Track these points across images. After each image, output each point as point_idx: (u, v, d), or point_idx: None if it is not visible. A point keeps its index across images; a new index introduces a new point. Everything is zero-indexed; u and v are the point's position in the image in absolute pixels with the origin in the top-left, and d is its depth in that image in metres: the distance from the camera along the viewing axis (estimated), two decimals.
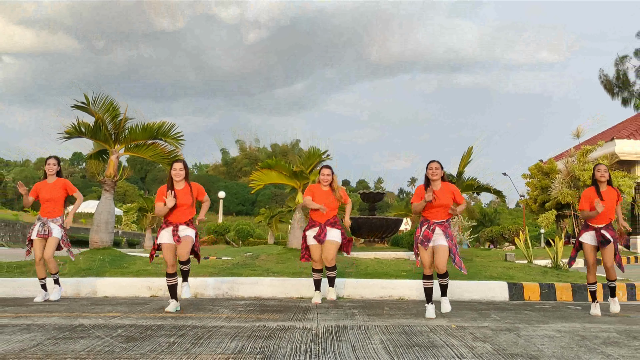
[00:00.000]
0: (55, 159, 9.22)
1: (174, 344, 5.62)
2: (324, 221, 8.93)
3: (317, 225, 8.94)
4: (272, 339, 5.94)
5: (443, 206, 7.74)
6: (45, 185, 9.06)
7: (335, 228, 8.96)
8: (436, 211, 7.76)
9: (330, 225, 8.94)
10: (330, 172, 9.10)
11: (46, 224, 8.96)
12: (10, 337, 5.89)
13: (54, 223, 9.02)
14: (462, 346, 5.68)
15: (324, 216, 8.94)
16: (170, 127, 14.59)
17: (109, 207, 13.83)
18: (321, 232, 8.86)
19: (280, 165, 17.10)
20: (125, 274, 10.36)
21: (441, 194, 7.73)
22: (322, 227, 8.89)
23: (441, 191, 7.75)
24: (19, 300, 9.13)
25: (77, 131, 14.28)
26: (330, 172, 9.10)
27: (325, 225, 8.91)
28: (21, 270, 10.55)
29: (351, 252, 9.69)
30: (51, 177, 9.12)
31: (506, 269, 11.56)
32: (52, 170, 9.11)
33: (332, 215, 9.01)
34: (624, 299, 10.23)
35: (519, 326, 6.98)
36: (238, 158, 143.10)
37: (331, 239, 8.90)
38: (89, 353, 5.16)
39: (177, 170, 8.05)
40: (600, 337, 6.33)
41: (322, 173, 9.11)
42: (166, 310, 7.84)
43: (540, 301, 9.75)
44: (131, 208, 60.77)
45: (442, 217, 7.78)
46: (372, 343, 5.78)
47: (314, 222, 8.99)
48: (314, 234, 8.93)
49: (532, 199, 31.83)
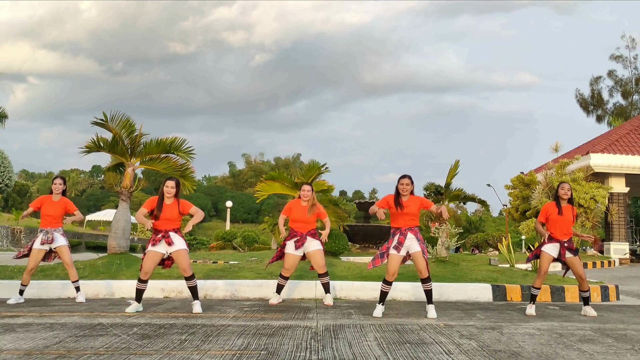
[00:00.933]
0: (61, 179, 9.25)
1: (185, 341, 5.62)
2: (305, 232, 8.87)
3: (298, 235, 8.83)
4: (275, 336, 5.95)
5: (411, 215, 7.75)
6: (49, 201, 9.04)
7: (315, 239, 8.89)
8: (405, 220, 7.76)
9: (310, 236, 8.86)
10: (310, 189, 9.03)
11: (50, 232, 8.94)
12: (35, 334, 5.90)
13: (57, 232, 9.00)
14: (450, 343, 5.69)
15: (305, 227, 8.86)
16: (182, 142, 14.62)
17: (125, 216, 13.85)
18: (301, 241, 8.76)
19: (282, 177, 17.13)
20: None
21: (410, 204, 7.76)
22: (302, 237, 8.80)
23: (410, 202, 7.77)
24: (42, 300, 9.13)
25: (97, 146, 14.31)
26: (310, 189, 9.01)
27: (306, 235, 8.84)
28: (45, 273, 10.54)
29: (346, 257, 9.68)
30: (56, 195, 9.11)
31: (490, 272, 11.56)
32: (58, 190, 9.11)
33: (311, 228, 8.93)
34: (598, 299, 10.23)
35: (502, 325, 6.99)
36: (244, 170, 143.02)
37: (315, 249, 8.79)
38: (107, 349, 5.17)
39: (169, 187, 7.97)
40: (577, 334, 6.34)
41: (302, 189, 9.02)
42: (126, 310, 7.76)
43: (522, 302, 9.75)
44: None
45: (411, 224, 7.78)
46: (367, 340, 5.79)
47: (295, 232, 8.86)
48: (293, 244, 8.79)
49: (514, 207, 31.89)
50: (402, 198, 7.79)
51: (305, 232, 8.81)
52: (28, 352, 5.01)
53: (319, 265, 8.79)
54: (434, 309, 7.71)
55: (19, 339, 5.63)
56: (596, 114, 59.13)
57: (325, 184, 18.09)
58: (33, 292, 9.50)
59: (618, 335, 6.31)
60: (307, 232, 8.82)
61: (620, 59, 58.63)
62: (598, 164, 31.00)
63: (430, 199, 23.31)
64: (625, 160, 31.37)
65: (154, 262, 7.89)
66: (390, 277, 7.75)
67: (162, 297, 9.67)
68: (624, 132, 34.82)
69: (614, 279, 16.07)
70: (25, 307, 8.25)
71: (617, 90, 58.63)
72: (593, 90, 59.35)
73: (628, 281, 16.02)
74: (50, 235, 8.90)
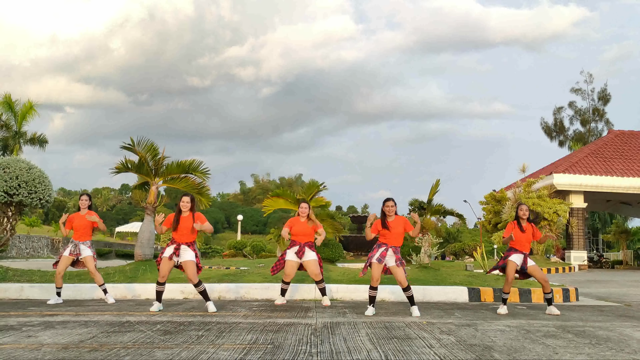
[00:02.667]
0: (87, 195, 9.19)
1: (201, 336, 5.62)
2: (304, 242, 8.83)
3: (297, 244, 8.79)
4: (280, 332, 5.94)
5: (397, 234, 7.75)
6: (78, 217, 9.01)
7: (312, 250, 8.84)
8: (392, 237, 7.75)
9: (308, 247, 8.81)
10: (307, 206, 9.02)
11: (77, 245, 8.91)
12: (72, 330, 5.89)
13: (84, 245, 8.98)
14: (432, 338, 5.69)
15: (304, 239, 8.81)
16: (199, 164, 14.69)
17: (150, 227, 13.86)
18: (300, 251, 8.73)
19: (286, 194, 17.18)
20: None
21: (395, 224, 7.75)
22: (301, 247, 8.77)
23: (395, 222, 7.77)
24: (78, 301, 9.10)
25: (125, 167, 14.37)
26: (307, 207, 9.01)
27: (304, 246, 8.82)
28: (80, 278, 10.52)
29: (341, 264, 9.66)
30: (83, 210, 9.08)
31: (466, 277, 11.55)
32: (84, 205, 9.06)
33: (309, 240, 8.89)
34: (560, 300, 10.21)
35: (477, 322, 6.98)
36: (253, 188, 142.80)
37: (311, 259, 8.74)
38: (134, 344, 5.17)
39: (185, 202, 7.97)
40: (542, 330, 6.34)
41: (300, 207, 8.98)
42: (150, 310, 7.77)
43: (494, 302, 9.73)
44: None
45: (396, 242, 7.78)
46: (359, 335, 5.79)
47: (294, 242, 8.84)
48: (293, 253, 8.75)
49: (487, 220, 31.91)
50: (388, 219, 7.79)
51: (304, 242, 8.80)
52: (65, 346, 5.01)
53: (315, 273, 8.73)
54: (417, 309, 7.69)
55: (57, 335, 5.62)
56: (558, 140, 59.24)
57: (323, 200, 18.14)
58: (70, 294, 9.49)
59: (577, 332, 6.31)
60: (305, 243, 8.79)
61: (579, 92, 58.89)
62: (560, 182, 31.07)
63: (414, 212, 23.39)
64: (584, 180, 31.44)
65: (168, 267, 7.88)
66: (374, 283, 7.73)
67: (182, 298, 9.65)
68: (582, 155, 34.91)
69: (574, 282, 16.06)
70: (63, 307, 8.24)
71: (577, 119, 58.78)
72: (556, 119, 59.51)
73: (586, 284, 16.00)
74: (78, 249, 8.90)
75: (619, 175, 31.97)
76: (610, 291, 13.51)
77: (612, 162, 33.56)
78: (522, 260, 8.16)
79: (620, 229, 41.24)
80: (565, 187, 31.26)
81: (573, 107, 59.01)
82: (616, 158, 34.11)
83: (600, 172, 31.99)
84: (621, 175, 31.99)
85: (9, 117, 32.63)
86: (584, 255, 31.87)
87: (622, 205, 40.85)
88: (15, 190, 10.34)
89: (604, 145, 35.97)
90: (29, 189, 10.46)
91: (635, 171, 32.53)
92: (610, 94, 58.31)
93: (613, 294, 12.64)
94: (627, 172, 32.34)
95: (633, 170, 32.66)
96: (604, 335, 6.10)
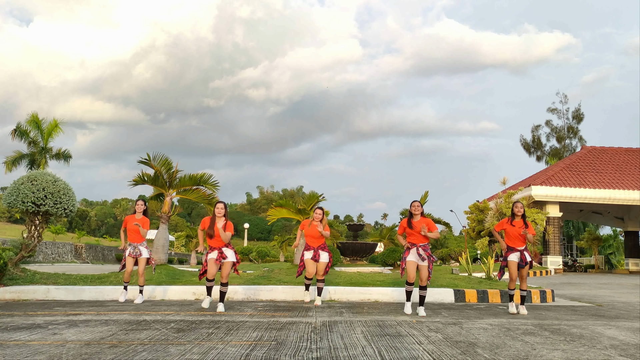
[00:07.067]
0: (142, 201, 9.11)
1: (212, 334, 5.62)
2: (317, 246, 8.91)
3: (311, 249, 8.90)
4: (283, 330, 5.94)
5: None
6: (132, 219, 8.99)
7: (325, 251, 8.94)
8: (417, 236, 7.78)
9: (321, 250, 8.91)
10: (322, 212, 9.10)
11: (137, 247, 8.93)
12: (93, 328, 5.89)
13: (142, 246, 8.99)
14: (421, 335, 5.69)
15: (316, 242, 8.91)
16: (209, 177, 14.70)
17: (164, 235, 13.86)
18: (315, 254, 8.83)
19: (289, 204, 17.15)
20: (176, 283, 10.33)
21: (419, 224, 7.75)
22: (316, 250, 8.86)
23: (420, 222, 7.78)
24: (99, 302, 9.09)
25: (142, 180, 14.37)
26: (321, 212, 9.08)
27: (318, 249, 8.89)
28: (101, 280, 10.51)
29: (338, 267, 9.68)
30: (139, 214, 9.04)
31: (452, 280, 11.53)
32: (140, 209, 9.02)
33: (322, 242, 8.98)
34: (538, 301, 10.20)
35: (462, 321, 6.98)
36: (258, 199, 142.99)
37: (323, 260, 8.85)
38: (150, 340, 5.17)
39: (220, 209, 8.04)
40: (521, 328, 6.34)
41: (315, 212, 9.05)
42: (202, 305, 7.89)
43: (477, 303, 9.73)
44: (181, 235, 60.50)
45: (422, 240, 7.80)
46: (355, 333, 5.79)
47: (309, 246, 8.94)
48: (310, 255, 8.86)
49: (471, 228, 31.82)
50: (414, 218, 7.81)
51: (317, 246, 8.87)
52: (88, 343, 5.01)
53: (320, 273, 8.87)
54: (423, 309, 7.70)
55: (80, 332, 5.62)
56: (536, 155, 59.38)
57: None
58: (92, 295, 9.47)
59: (553, 329, 6.31)
60: (318, 247, 8.89)
61: (555, 111, 59.23)
62: (538, 194, 31.10)
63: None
64: (559, 192, 31.47)
65: (216, 266, 7.93)
66: (410, 280, 7.76)
67: (194, 299, 9.63)
68: (558, 169, 34.95)
69: (550, 285, 16.04)
70: (85, 307, 8.22)
71: (553, 136, 59.02)
72: (534, 136, 59.69)
73: (562, 287, 15.98)
74: (138, 250, 8.92)
75: (591, 187, 32.01)
76: (583, 293, 13.50)
77: (585, 175, 33.60)
78: (519, 257, 8.17)
79: (592, 236, 41.22)
80: (542, 198, 31.28)
81: (550, 125, 59.26)
82: (589, 172, 34.15)
83: (574, 185, 32.02)
84: (593, 187, 32.03)
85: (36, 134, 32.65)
86: (560, 260, 31.85)
87: (594, 215, 40.91)
88: (42, 200, 10.35)
89: (578, 160, 36.02)
90: (54, 200, 10.46)
91: (605, 184, 32.57)
92: (583, 113, 58.66)
93: (586, 295, 12.63)
94: (598, 185, 32.38)
95: (604, 182, 32.70)
96: (578, 332, 6.10)
